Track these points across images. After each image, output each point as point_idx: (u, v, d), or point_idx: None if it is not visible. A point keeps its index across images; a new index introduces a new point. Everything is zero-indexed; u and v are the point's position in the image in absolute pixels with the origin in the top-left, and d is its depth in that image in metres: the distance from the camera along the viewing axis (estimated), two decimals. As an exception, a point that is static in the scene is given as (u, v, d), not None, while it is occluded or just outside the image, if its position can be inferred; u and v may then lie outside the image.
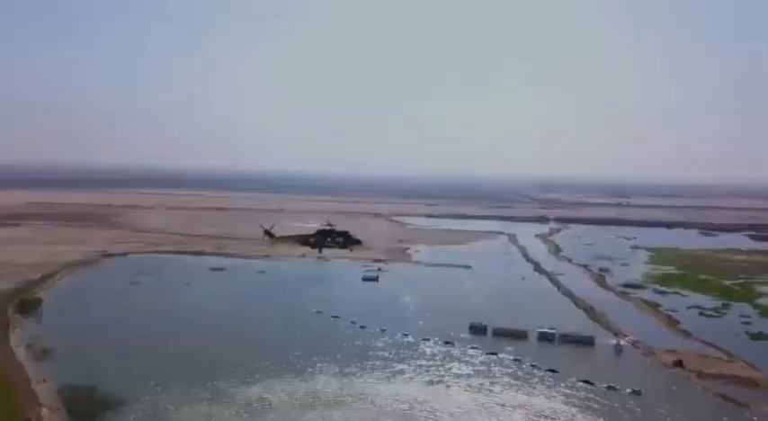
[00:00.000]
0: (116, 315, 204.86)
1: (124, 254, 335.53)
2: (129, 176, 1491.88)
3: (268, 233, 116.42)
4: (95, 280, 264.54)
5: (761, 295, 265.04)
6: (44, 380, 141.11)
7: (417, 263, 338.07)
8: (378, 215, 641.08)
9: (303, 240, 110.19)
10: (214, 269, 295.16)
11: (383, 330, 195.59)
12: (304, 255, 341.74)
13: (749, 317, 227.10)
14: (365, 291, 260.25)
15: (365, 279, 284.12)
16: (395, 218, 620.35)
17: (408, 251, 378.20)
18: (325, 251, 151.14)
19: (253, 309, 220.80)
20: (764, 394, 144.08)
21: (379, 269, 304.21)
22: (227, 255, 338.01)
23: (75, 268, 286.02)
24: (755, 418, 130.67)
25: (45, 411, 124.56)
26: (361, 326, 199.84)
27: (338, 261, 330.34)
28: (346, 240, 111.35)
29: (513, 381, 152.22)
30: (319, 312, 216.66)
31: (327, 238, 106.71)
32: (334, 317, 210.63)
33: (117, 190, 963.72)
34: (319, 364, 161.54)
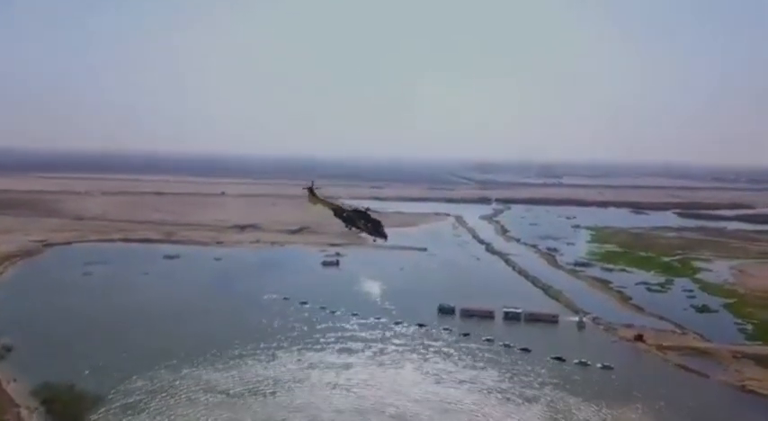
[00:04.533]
0: (74, 307, 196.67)
1: (68, 243, 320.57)
2: (52, 160, 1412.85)
3: (311, 190, 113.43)
4: (43, 271, 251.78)
5: (699, 270, 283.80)
6: (14, 380, 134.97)
7: (373, 246, 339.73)
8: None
9: (338, 211, 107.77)
10: (168, 257, 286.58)
11: (354, 314, 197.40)
12: (258, 241, 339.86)
13: (692, 291, 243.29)
14: (328, 276, 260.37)
15: (325, 264, 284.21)
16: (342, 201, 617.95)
17: (362, 235, 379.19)
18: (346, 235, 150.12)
19: (218, 297, 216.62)
20: (719, 364, 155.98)
21: (338, 254, 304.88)
22: (179, 242, 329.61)
23: (17, 259, 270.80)
24: (717, 387, 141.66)
25: (24, 412, 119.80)
26: (332, 311, 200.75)
27: (293, 246, 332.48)
28: (375, 229, 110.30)
29: (490, 360, 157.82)
30: (286, 298, 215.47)
31: (361, 220, 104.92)
32: (302, 303, 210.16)
33: (45, 174, 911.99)
34: (296, 348, 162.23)
